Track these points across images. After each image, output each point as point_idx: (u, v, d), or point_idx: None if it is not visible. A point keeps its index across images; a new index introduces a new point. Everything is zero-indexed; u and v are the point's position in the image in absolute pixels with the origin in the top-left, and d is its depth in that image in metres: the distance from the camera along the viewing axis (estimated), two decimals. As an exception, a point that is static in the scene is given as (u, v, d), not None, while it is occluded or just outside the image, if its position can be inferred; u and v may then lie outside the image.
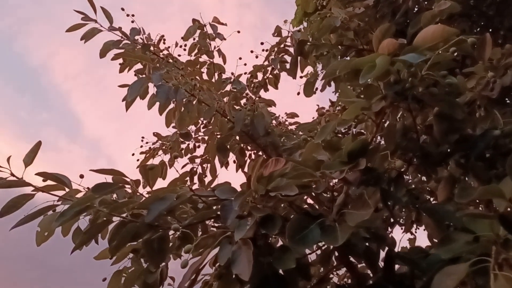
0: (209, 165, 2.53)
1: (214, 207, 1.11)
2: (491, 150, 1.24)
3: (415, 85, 1.08)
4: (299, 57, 2.23)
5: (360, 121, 1.19)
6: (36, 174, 1.16)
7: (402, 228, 2.56)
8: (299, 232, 0.89)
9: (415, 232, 2.91)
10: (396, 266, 1.15)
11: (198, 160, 2.57)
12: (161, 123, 2.36)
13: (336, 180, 1.11)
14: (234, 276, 1.00)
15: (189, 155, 2.53)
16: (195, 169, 2.57)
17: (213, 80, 2.38)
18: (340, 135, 2.23)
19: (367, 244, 1.03)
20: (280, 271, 1.00)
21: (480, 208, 1.57)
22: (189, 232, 1.04)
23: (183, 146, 2.53)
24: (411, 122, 1.25)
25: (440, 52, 1.01)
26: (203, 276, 1.95)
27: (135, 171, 1.28)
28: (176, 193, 1.09)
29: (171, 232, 1.20)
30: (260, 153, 2.04)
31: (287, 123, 2.57)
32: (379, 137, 1.37)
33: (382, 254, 1.13)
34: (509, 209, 0.78)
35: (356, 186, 1.00)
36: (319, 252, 1.32)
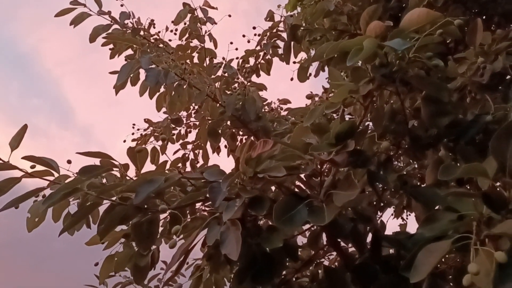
0: (201, 151, 2.54)
1: (203, 190, 1.12)
2: (481, 135, 1.25)
3: (402, 67, 1.08)
4: (292, 42, 2.22)
5: (348, 104, 1.19)
6: (23, 158, 1.15)
7: (392, 214, 2.59)
8: (286, 213, 0.89)
9: (407, 218, 2.95)
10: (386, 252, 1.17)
11: (190, 146, 2.57)
12: (153, 110, 2.35)
13: (325, 164, 1.12)
14: (223, 256, 1.02)
15: (180, 141, 2.53)
16: (187, 155, 2.57)
17: (204, 65, 2.37)
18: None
19: (354, 225, 1.04)
20: (268, 252, 1.01)
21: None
22: (178, 214, 1.04)
23: (175, 132, 2.53)
24: (399, 105, 1.26)
25: (426, 34, 1.01)
26: (194, 260, 1.98)
27: (127, 158, 1.28)
28: (165, 176, 1.09)
29: (162, 216, 1.21)
30: (252, 138, 2.04)
31: (279, 109, 2.57)
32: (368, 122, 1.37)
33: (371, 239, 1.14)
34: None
35: (343, 168, 1.00)
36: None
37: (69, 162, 1.22)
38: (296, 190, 1.10)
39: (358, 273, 1.04)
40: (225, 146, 2.28)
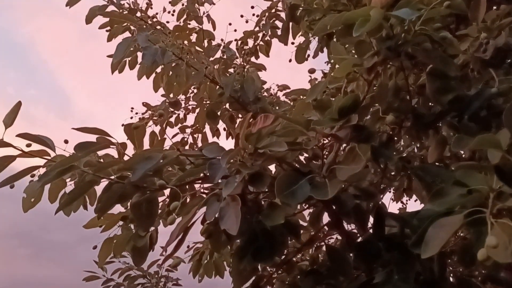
0: (200, 134, 2.51)
1: (202, 167, 1.09)
2: (485, 110, 1.22)
3: (408, 40, 1.05)
4: (290, 23, 2.18)
5: (351, 80, 1.16)
6: (17, 135, 1.12)
7: (392, 198, 2.58)
8: (288, 187, 0.87)
9: (406, 202, 2.94)
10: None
11: (188, 130, 2.54)
12: (153, 98, 2.32)
13: (327, 140, 1.09)
14: (223, 234, 0.99)
15: (179, 125, 2.50)
16: (186, 139, 2.54)
17: (203, 47, 2.32)
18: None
19: (357, 201, 1.02)
20: (269, 229, 0.98)
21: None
22: (177, 191, 1.02)
23: (173, 116, 2.49)
24: (403, 82, 1.23)
25: (433, 6, 0.97)
26: (194, 244, 1.96)
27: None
28: (162, 153, 1.06)
29: (161, 198, 1.18)
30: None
31: (278, 95, 2.53)
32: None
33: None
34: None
35: (346, 143, 0.97)
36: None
37: (66, 142, 1.18)
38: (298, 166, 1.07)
39: (360, 251, 1.02)
40: (224, 129, 2.25)
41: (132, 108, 2.59)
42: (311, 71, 1.18)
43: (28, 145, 1.15)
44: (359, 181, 0.98)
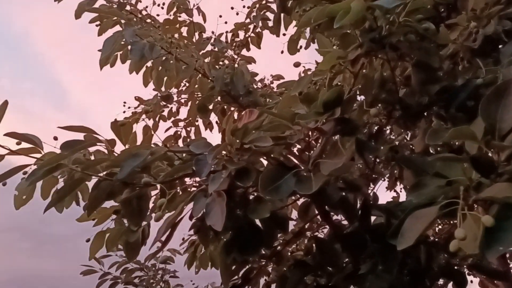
0: (193, 128, 2.51)
1: (190, 163, 1.09)
2: (472, 101, 1.22)
3: (392, 32, 1.05)
4: (282, 14, 2.17)
5: (337, 72, 1.16)
6: (5, 134, 1.12)
7: (386, 187, 2.59)
8: (273, 183, 0.88)
9: (400, 191, 2.95)
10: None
11: (181, 124, 2.54)
12: (149, 91, 2.31)
13: (313, 134, 1.10)
14: (210, 230, 1.00)
15: (172, 119, 2.49)
16: (179, 132, 2.55)
17: (194, 40, 2.31)
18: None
19: (343, 194, 1.03)
20: (258, 223, 1.00)
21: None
22: (164, 188, 1.02)
23: (166, 109, 2.49)
24: (389, 73, 1.23)
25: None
26: (189, 236, 1.97)
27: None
28: (150, 150, 1.06)
29: (153, 192, 1.19)
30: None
31: (272, 85, 2.53)
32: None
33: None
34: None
35: (330, 136, 0.98)
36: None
37: (55, 138, 1.19)
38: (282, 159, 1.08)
39: (347, 242, 1.03)
40: (217, 122, 2.25)
41: (125, 102, 2.59)
42: (296, 64, 1.18)
43: (18, 143, 1.16)
44: (343, 174, 0.99)
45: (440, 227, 3.16)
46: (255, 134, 1.02)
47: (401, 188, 2.83)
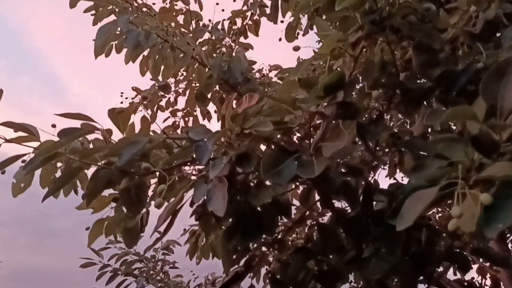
0: (191, 117, 2.49)
1: (189, 149, 1.08)
2: (473, 85, 1.21)
3: (392, 14, 1.03)
4: (279, 1, 2.15)
5: (337, 56, 1.15)
6: (1, 124, 1.10)
7: (387, 176, 2.59)
8: (275, 167, 0.87)
9: (401, 179, 2.95)
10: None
11: (180, 114, 2.53)
12: (148, 83, 2.29)
13: (314, 118, 1.09)
14: (212, 216, 0.99)
15: (170, 109, 2.48)
16: (177, 122, 2.53)
17: (191, 29, 2.28)
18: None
19: (344, 179, 1.02)
20: (259, 209, 0.99)
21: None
22: (164, 174, 1.01)
23: (164, 99, 2.47)
24: (390, 57, 1.21)
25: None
26: (190, 226, 1.96)
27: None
28: (148, 137, 1.05)
29: (153, 181, 1.18)
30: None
31: (270, 75, 2.51)
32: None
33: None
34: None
35: (332, 120, 0.97)
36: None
37: (53, 126, 1.17)
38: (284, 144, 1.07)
39: (349, 227, 1.03)
40: (215, 111, 2.23)
41: (122, 93, 2.57)
42: (296, 48, 1.17)
43: (16, 131, 1.14)
44: (345, 158, 0.98)
45: (440, 214, 3.17)
46: (255, 119, 1.01)
47: (402, 177, 2.83)
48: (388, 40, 1.13)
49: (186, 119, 2.49)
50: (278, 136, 1.06)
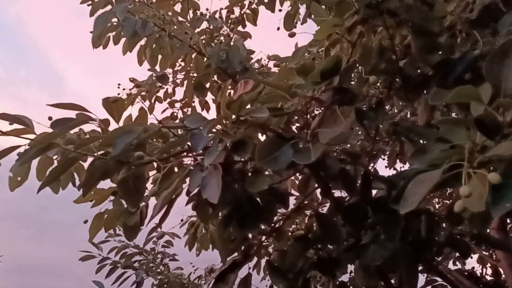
0: (189, 109, 2.48)
1: (185, 138, 1.06)
2: (470, 73, 1.19)
3: (390, -3, 1.01)
4: (277, -11, 2.12)
5: (334, 42, 1.13)
6: (-5, 115, 1.09)
7: (386, 166, 2.57)
8: (271, 153, 0.85)
9: (401, 169, 2.94)
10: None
11: (178, 105, 2.51)
12: (146, 75, 2.27)
13: (311, 104, 1.07)
14: (207, 204, 0.98)
15: (168, 100, 2.46)
16: (175, 113, 2.51)
17: (188, 18, 2.26)
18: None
19: (342, 166, 1.00)
20: (255, 197, 0.97)
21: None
22: (159, 164, 1.00)
23: (162, 91, 2.45)
24: (389, 42, 1.19)
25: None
26: (189, 217, 1.95)
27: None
28: (144, 126, 1.03)
29: (152, 172, 1.17)
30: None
31: (269, 65, 2.48)
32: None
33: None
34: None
35: (329, 105, 0.95)
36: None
37: (50, 118, 1.16)
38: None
39: (347, 214, 1.02)
40: (213, 101, 2.21)
41: (119, 84, 2.54)
42: (291, 34, 1.15)
43: (11, 123, 1.13)
44: (343, 143, 0.96)
45: (440, 204, 3.17)
46: (251, 107, 0.99)
47: (401, 167, 2.82)
48: (385, 25, 1.11)
49: (184, 110, 2.47)
50: (274, 123, 1.05)
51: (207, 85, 2.05)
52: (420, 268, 1.05)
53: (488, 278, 2.41)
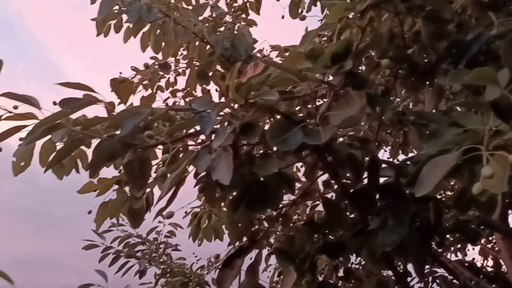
0: (192, 98, 2.46)
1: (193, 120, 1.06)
2: (483, 56, 1.18)
3: (402, -19, 1.00)
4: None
5: (344, 27, 1.12)
6: (1, 94, 1.08)
7: (388, 158, 2.57)
8: (281, 135, 0.85)
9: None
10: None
11: (180, 94, 2.49)
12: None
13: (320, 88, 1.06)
14: (217, 187, 0.98)
15: (170, 89, 2.44)
16: (177, 103, 2.50)
17: (191, 6, 2.24)
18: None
19: (350, 151, 1.00)
20: (263, 180, 0.97)
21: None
22: (168, 146, 0.99)
23: (164, 80, 2.44)
24: (398, 29, 1.19)
25: None
26: (192, 209, 1.95)
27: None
28: (151, 109, 1.03)
29: (155, 161, 1.16)
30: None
31: (271, 55, 2.47)
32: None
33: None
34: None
35: (339, 89, 0.94)
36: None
37: (54, 103, 1.15)
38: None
39: (355, 199, 1.01)
40: (216, 90, 2.20)
41: (121, 72, 2.53)
42: (302, 18, 1.14)
43: (15, 107, 1.12)
44: (354, 126, 0.96)
45: (441, 196, 3.17)
46: (260, 90, 0.99)
47: (403, 159, 2.81)
48: (396, 10, 1.10)
49: (187, 99, 2.46)
50: (283, 108, 1.04)
51: (210, 73, 2.03)
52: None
53: (489, 269, 2.42)
